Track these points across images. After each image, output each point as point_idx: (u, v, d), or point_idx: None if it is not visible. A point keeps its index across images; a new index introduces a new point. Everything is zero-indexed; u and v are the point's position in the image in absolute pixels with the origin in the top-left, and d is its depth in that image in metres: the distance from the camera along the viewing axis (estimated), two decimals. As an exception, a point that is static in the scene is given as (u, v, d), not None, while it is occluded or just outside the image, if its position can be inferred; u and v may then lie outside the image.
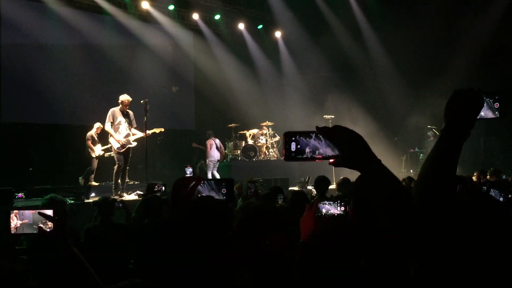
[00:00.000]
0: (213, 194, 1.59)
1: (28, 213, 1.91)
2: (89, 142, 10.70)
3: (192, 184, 1.51)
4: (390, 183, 1.29)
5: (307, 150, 1.28)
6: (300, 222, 1.96)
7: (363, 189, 1.81)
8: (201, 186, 1.57)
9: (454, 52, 12.93)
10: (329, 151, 1.27)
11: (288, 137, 1.29)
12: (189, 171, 5.03)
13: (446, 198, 1.29)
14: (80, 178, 10.59)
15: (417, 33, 12.71)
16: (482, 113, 1.44)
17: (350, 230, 1.77)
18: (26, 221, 1.94)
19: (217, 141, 12.56)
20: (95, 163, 10.67)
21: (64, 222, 1.80)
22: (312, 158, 1.28)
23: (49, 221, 1.83)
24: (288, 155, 1.28)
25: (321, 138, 1.28)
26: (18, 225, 1.94)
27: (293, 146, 1.28)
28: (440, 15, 12.91)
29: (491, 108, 1.46)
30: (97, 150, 10.65)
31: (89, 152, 10.62)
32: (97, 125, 10.67)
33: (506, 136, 12.59)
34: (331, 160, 1.28)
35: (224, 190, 1.58)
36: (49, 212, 1.88)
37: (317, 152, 1.28)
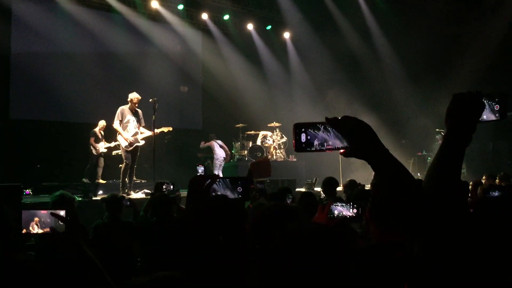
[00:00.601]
0: (227, 192, 1.58)
1: (50, 221, 1.91)
2: (92, 140, 10.80)
3: (207, 182, 1.50)
4: (398, 172, 1.29)
5: (316, 142, 1.29)
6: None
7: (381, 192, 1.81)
8: (216, 184, 1.56)
9: (463, 54, 12.87)
10: (338, 143, 1.28)
11: (298, 128, 1.30)
12: (200, 169, 5.02)
13: (450, 204, 1.28)
14: (83, 179, 10.63)
15: (426, 34, 12.67)
16: (484, 116, 1.43)
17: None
18: (47, 229, 1.95)
19: (219, 141, 12.61)
20: (100, 160, 10.77)
21: (76, 223, 1.80)
22: (322, 150, 1.29)
23: (62, 221, 1.84)
24: (299, 146, 1.29)
25: (330, 129, 1.29)
26: (39, 232, 1.94)
27: (303, 137, 1.29)
28: (450, 17, 12.87)
29: (492, 110, 1.46)
30: (100, 147, 10.73)
31: (91, 149, 10.71)
32: (102, 122, 10.77)
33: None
34: (342, 151, 1.29)
35: (240, 189, 1.57)
36: (62, 213, 1.89)
37: (325, 144, 1.29)
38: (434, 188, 1.33)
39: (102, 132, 10.88)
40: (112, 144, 10.66)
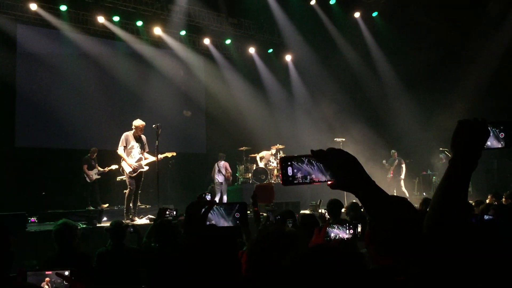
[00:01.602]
0: (221, 220, 1.56)
1: (60, 280, 1.93)
2: (85, 167, 10.98)
3: (204, 209, 1.50)
4: (383, 204, 1.31)
5: (299, 175, 1.30)
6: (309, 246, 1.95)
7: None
8: (211, 212, 1.56)
9: (463, 71, 12.93)
10: (321, 176, 1.30)
11: (284, 162, 1.32)
12: (208, 197, 4.97)
13: (456, 227, 1.30)
14: (87, 208, 10.74)
15: (427, 54, 12.75)
16: (488, 143, 1.45)
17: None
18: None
19: (221, 163, 12.62)
20: (95, 187, 11.11)
21: (82, 282, 1.81)
22: (310, 182, 1.30)
23: (66, 282, 1.85)
24: (286, 180, 1.31)
25: (313, 162, 1.30)
26: None
27: (289, 171, 1.31)
28: (451, 37, 12.97)
29: (496, 137, 1.48)
30: (93, 174, 10.94)
31: (84, 177, 10.96)
32: (93, 149, 11.02)
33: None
34: (329, 182, 1.30)
35: (237, 214, 1.55)
36: (66, 273, 1.91)
37: (308, 177, 1.30)
38: (441, 211, 1.35)
39: (95, 159, 11.14)
40: (106, 169, 10.89)
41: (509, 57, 11.94)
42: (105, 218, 9.18)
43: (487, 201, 7.29)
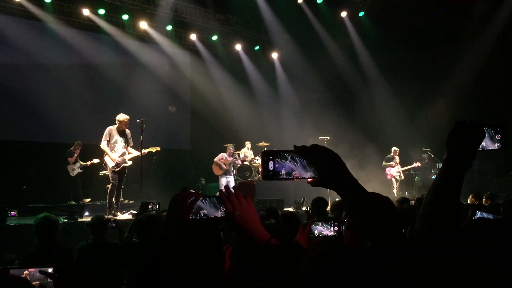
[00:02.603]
0: (213, 211, 1.54)
1: (40, 276, 1.89)
2: (70, 160, 10.92)
3: (190, 200, 1.47)
4: (366, 202, 1.31)
5: (283, 171, 1.28)
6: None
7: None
8: (202, 202, 1.53)
9: (448, 76, 13.08)
10: (304, 172, 1.28)
11: (266, 156, 1.29)
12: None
13: (448, 228, 1.31)
14: (69, 202, 10.62)
15: (412, 56, 12.87)
16: (483, 144, 1.46)
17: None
18: (36, 282, 1.92)
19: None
20: (78, 181, 11.05)
21: (66, 280, 1.77)
22: (290, 178, 1.29)
23: (51, 279, 1.82)
24: (266, 174, 1.29)
25: (297, 159, 1.28)
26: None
27: (271, 165, 1.28)
28: (436, 37, 13.11)
29: (492, 139, 1.49)
30: (75, 168, 10.88)
31: (67, 171, 10.83)
32: (76, 142, 10.98)
33: (500, 159, 12.65)
34: (309, 180, 1.29)
35: (223, 208, 1.54)
36: (50, 270, 1.87)
37: (292, 173, 1.28)
38: (434, 211, 1.36)
39: (78, 152, 11.09)
40: (89, 163, 10.80)
41: (493, 58, 12.10)
42: (87, 213, 9.09)
43: (468, 201, 7.38)
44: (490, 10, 12.40)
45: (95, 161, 10.73)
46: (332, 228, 2.24)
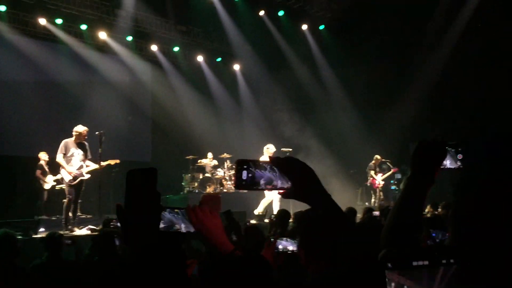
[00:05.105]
0: (183, 225, 1.53)
1: None
2: (39, 173, 10.38)
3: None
4: (338, 218, 1.32)
5: (262, 181, 1.27)
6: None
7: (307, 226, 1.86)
8: (174, 216, 1.52)
9: (405, 87, 13.45)
10: (283, 183, 1.28)
11: (240, 165, 1.28)
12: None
13: (411, 242, 1.36)
14: (35, 216, 10.13)
15: (369, 68, 13.18)
16: (445, 163, 1.51)
17: None
18: None
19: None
20: (45, 195, 10.33)
21: None
22: (262, 188, 1.28)
23: None
24: (239, 183, 1.28)
25: (275, 169, 1.28)
26: None
27: (244, 175, 1.27)
28: (393, 53, 13.48)
29: (454, 159, 1.54)
30: (49, 181, 10.34)
31: (41, 184, 10.31)
32: (44, 155, 10.40)
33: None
34: (281, 191, 1.29)
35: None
36: None
37: (272, 183, 1.28)
38: (396, 226, 1.43)
39: (47, 165, 10.52)
40: (59, 177, 10.30)
41: (448, 70, 12.52)
42: (42, 229, 8.72)
43: (426, 210, 7.55)
44: (445, 25, 12.86)
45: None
46: (296, 243, 2.22)
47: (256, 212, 11.02)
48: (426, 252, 0.74)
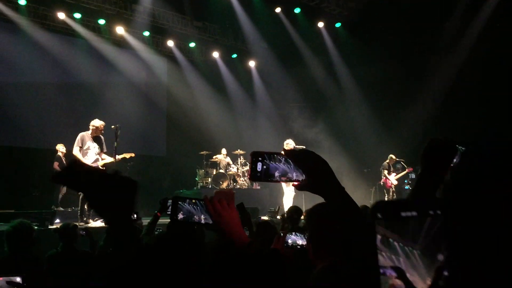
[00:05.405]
0: (203, 216, 1.56)
1: (5, 286, 1.85)
2: (56, 165, 10.52)
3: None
4: (351, 211, 1.33)
5: (277, 174, 1.29)
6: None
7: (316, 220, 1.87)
8: (193, 207, 1.56)
9: (421, 87, 13.34)
10: (297, 175, 1.29)
11: (255, 157, 1.30)
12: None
13: None
14: (53, 206, 10.31)
15: (387, 67, 13.07)
16: (455, 161, 1.51)
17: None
18: None
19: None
20: (63, 187, 10.47)
21: None
22: (277, 180, 1.30)
23: None
24: (254, 175, 1.29)
25: (290, 161, 1.29)
26: None
27: (259, 166, 1.29)
28: (410, 52, 13.36)
29: None
30: None
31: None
32: (61, 147, 10.55)
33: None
34: (295, 183, 1.30)
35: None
36: (18, 279, 1.83)
37: (287, 175, 1.29)
38: None
39: (64, 157, 10.68)
40: None
41: (465, 72, 12.38)
42: (57, 220, 8.90)
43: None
44: (463, 25, 12.71)
45: None
46: (306, 237, 2.26)
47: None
48: (414, 204, 0.76)
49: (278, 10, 14.73)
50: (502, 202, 0.86)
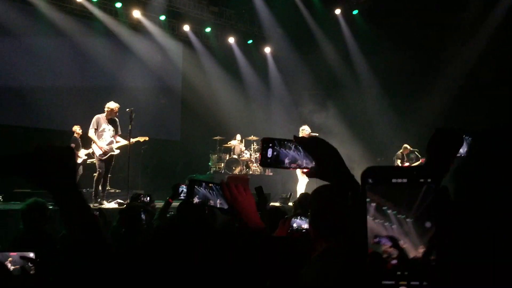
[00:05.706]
0: (219, 201, 1.59)
1: (21, 262, 1.91)
2: (73, 146, 10.61)
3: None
4: (357, 197, 1.33)
5: (286, 160, 1.29)
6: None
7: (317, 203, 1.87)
8: (209, 192, 1.59)
9: (437, 77, 13.17)
10: (307, 162, 1.29)
11: (265, 143, 1.31)
12: (183, 189, 4.38)
13: None
14: None
15: (403, 56, 12.93)
16: (461, 151, 1.50)
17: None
18: (17, 267, 1.93)
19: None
20: (79, 168, 10.59)
21: (46, 266, 1.79)
22: (287, 167, 1.30)
23: (31, 263, 1.83)
24: (264, 161, 1.30)
25: (300, 149, 1.29)
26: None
27: (269, 153, 1.30)
28: (427, 42, 13.19)
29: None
30: (81, 155, 10.60)
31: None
32: (78, 128, 10.62)
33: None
34: (305, 170, 1.30)
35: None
36: (31, 255, 1.89)
37: (297, 162, 1.29)
38: None
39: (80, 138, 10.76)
40: (91, 151, 10.52)
41: (483, 61, 12.20)
42: (72, 200, 9.02)
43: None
44: (482, 14, 12.50)
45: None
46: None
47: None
48: (405, 171, 0.77)
49: (294, -4, 14.61)
50: None
